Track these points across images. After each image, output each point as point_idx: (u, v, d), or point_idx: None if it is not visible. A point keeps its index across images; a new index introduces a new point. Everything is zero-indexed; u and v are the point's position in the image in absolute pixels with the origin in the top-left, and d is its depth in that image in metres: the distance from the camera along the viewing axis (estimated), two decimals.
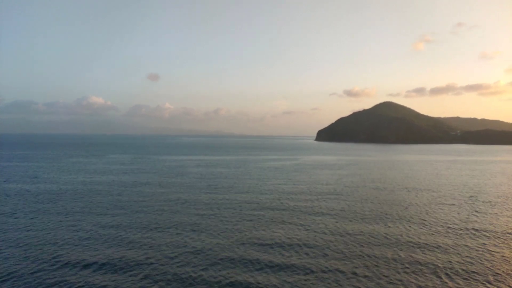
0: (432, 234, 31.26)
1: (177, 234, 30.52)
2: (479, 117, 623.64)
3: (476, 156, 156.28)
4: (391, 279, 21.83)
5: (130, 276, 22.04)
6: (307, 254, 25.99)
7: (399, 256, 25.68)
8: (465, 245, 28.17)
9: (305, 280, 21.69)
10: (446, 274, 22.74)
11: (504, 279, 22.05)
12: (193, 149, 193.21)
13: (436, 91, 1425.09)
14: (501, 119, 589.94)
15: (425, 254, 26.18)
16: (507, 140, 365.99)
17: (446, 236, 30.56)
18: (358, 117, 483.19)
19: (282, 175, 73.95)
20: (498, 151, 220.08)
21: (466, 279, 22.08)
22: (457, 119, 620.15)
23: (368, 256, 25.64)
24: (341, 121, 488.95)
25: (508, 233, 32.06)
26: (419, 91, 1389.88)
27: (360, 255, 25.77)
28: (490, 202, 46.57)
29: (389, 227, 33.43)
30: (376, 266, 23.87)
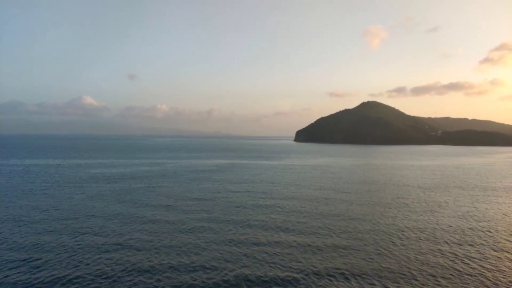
0: None
1: None
2: (470, 118, 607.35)
3: (424, 160, 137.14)
4: None
5: None
6: None
7: None
8: None
9: None
10: None
11: None
12: (98, 152, 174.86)
13: (417, 90, 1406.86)
14: (493, 120, 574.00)
15: None
16: (487, 141, 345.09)
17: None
18: (338, 117, 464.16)
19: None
20: (463, 153, 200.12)
21: None
22: (447, 119, 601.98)
23: None
24: (321, 121, 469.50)
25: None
26: (400, 90, 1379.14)
27: None
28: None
29: None
30: None
